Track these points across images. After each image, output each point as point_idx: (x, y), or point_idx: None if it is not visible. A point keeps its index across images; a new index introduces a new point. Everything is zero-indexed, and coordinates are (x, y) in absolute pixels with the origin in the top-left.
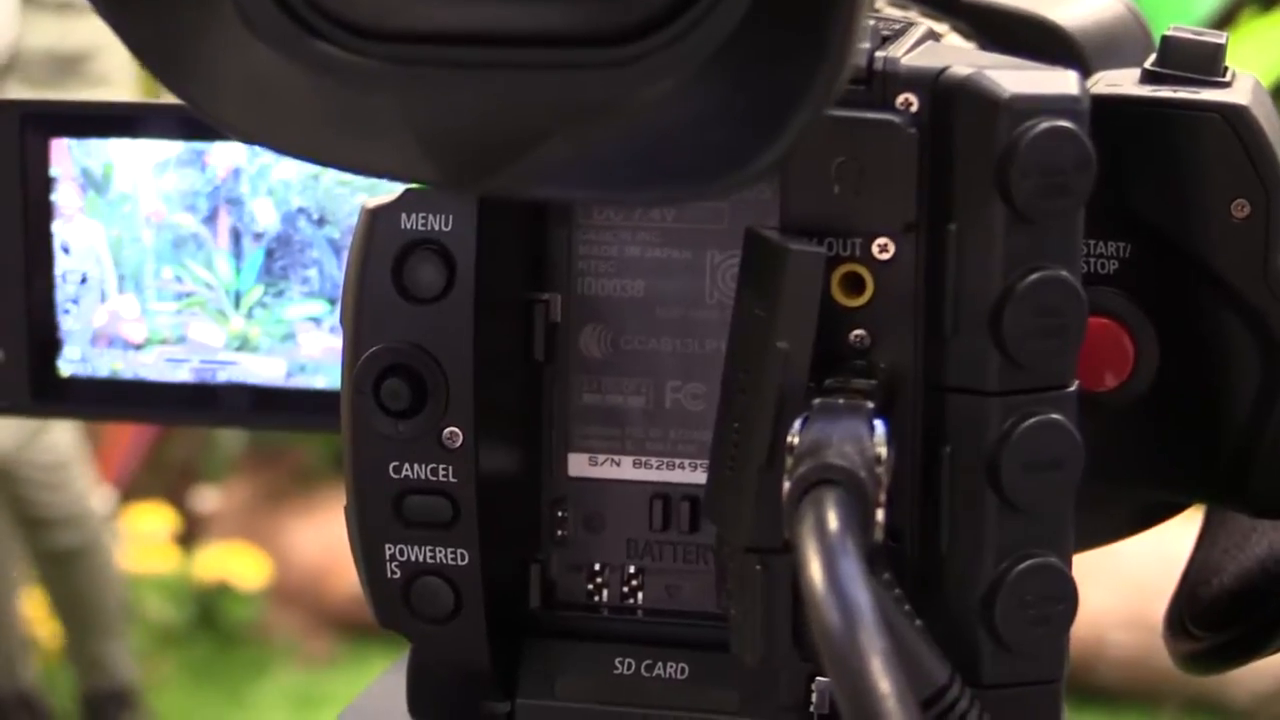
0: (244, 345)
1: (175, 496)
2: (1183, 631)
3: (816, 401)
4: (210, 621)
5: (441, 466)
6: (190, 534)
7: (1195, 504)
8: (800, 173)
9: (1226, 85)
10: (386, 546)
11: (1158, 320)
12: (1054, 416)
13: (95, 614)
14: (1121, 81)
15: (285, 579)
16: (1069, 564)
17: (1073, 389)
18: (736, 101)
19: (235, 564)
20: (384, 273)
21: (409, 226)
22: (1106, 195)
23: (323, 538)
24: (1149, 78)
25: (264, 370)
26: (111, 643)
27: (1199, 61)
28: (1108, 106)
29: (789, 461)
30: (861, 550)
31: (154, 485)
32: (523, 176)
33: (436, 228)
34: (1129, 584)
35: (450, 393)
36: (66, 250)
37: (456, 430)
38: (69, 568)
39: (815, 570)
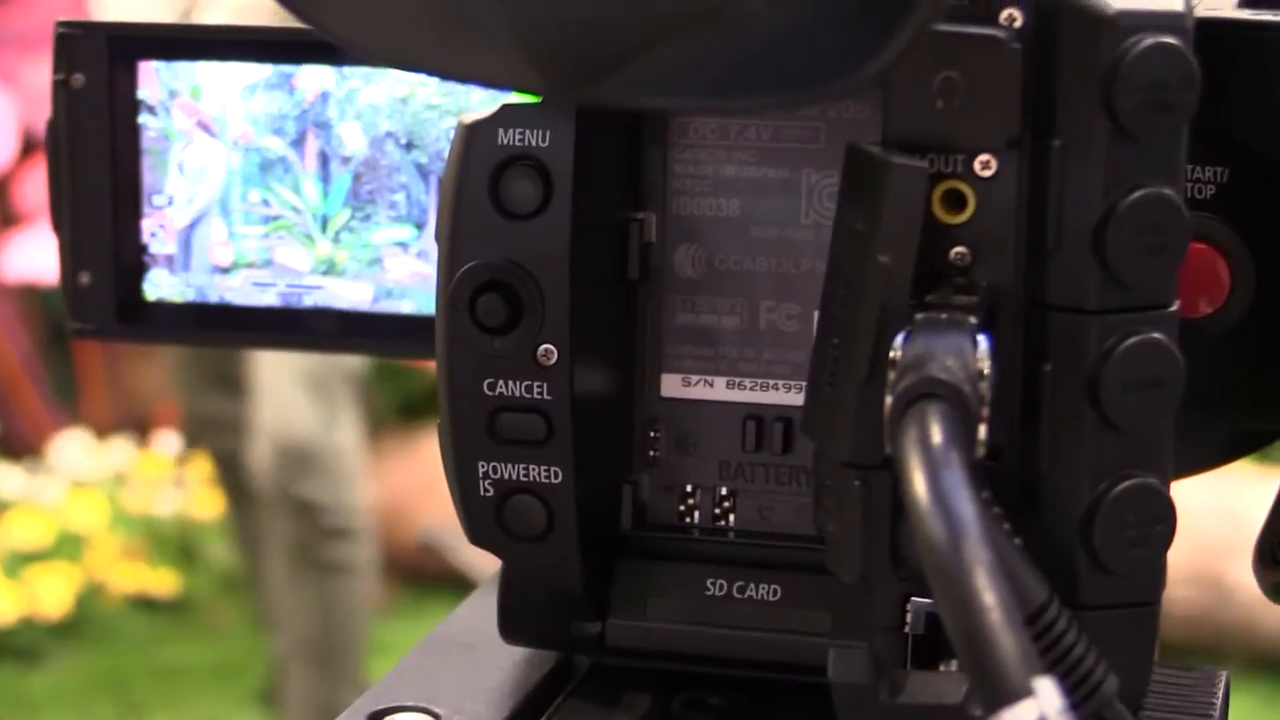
0: (331, 270)
1: None
2: (1273, 562)
3: (919, 316)
4: None
5: (536, 384)
6: None
7: None
8: (903, 88)
9: None
10: (480, 464)
11: (1254, 246)
12: (1155, 335)
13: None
14: (1221, 4)
15: None
16: (1168, 485)
17: (1174, 309)
18: (847, 4)
19: None
20: (480, 188)
21: (506, 141)
22: (1204, 119)
23: (387, 488)
24: (1248, 1)
25: (350, 295)
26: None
27: None
28: (1208, 29)
29: (891, 376)
30: (966, 464)
31: None
32: (630, 85)
33: (534, 143)
34: (1192, 541)
35: (546, 310)
36: (182, 170)
37: (551, 348)
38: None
39: (919, 482)
